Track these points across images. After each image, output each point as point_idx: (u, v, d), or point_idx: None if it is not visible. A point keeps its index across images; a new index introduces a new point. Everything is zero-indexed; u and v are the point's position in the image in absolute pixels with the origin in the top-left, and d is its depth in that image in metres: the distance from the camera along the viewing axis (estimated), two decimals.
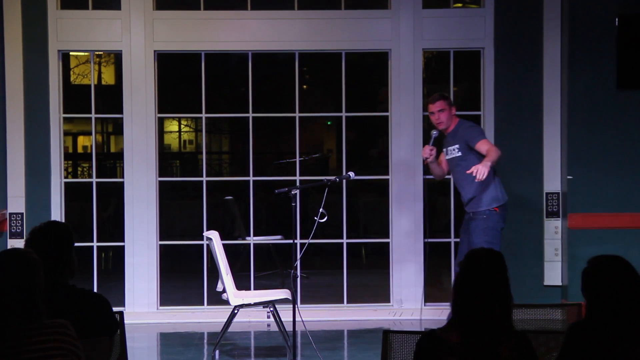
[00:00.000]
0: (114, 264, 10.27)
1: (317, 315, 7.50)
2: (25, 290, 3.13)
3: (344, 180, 6.99)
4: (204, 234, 7.51)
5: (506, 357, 3.15)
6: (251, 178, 8.59)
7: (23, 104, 8.11)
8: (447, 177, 8.30)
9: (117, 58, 13.36)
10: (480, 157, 6.63)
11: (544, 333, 3.92)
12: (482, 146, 6.67)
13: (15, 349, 3.07)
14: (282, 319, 6.81)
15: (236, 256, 9.00)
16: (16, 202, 8.10)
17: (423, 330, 3.33)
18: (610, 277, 3.26)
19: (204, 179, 8.59)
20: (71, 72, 15.87)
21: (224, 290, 6.75)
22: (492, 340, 3.16)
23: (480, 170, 6.35)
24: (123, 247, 8.32)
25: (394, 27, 8.30)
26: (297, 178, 8.50)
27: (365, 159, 13.65)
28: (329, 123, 16.35)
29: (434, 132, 6.90)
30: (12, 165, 8.11)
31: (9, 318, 3.09)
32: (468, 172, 6.47)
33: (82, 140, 17.71)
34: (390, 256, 8.34)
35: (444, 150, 6.97)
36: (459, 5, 8.97)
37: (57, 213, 8.18)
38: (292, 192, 6.54)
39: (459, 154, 6.84)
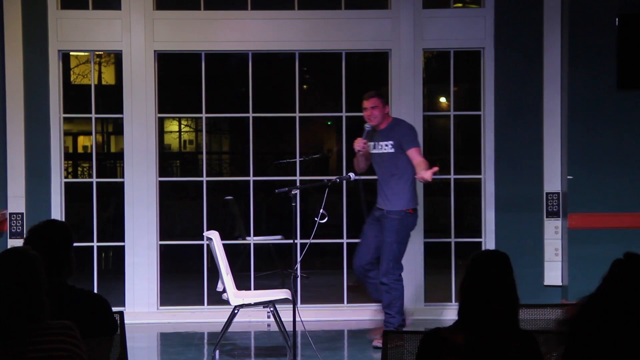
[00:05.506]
0: (114, 264, 10.28)
1: (317, 315, 7.51)
2: (30, 289, 3.13)
3: (344, 181, 7.01)
4: (204, 234, 7.51)
5: (512, 358, 3.14)
6: (251, 178, 8.59)
7: (23, 104, 8.11)
8: (444, 177, 8.31)
9: (117, 58, 13.37)
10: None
11: (544, 333, 3.92)
12: (415, 155, 6.91)
13: (20, 349, 3.08)
14: (282, 319, 6.81)
15: (236, 256, 8.99)
16: (16, 202, 8.10)
17: (423, 330, 3.32)
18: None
19: (204, 179, 8.59)
20: (71, 72, 15.87)
21: (224, 290, 6.75)
22: (499, 342, 3.15)
23: (427, 176, 6.63)
24: (123, 247, 8.32)
25: (394, 27, 8.30)
26: (297, 178, 8.50)
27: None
28: (329, 123, 16.34)
29: (367, 126, 7.04)
30: (12, 165, 8.11)
31: (14, 318, 3.09)
32: (418, 177, 6.71)
33: (82, 140, 17.71)
34: None
35: (371, 144, 7.10)
36: (459, 5, 8.97)
37: (57, 213, 8.17)
38: (292, 192, 6.54)
39: (392, 150, 7.00)
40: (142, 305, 8.22)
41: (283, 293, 6.89)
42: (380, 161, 7.06)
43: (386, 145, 7.01)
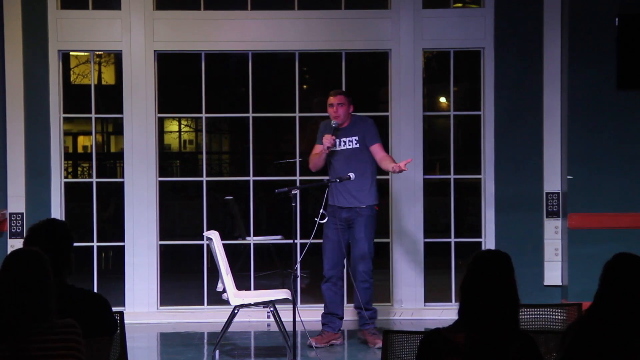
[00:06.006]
0: (114, 264, 10.27)
1: (317, 316, 7.50)
2: (40, 289, 3.16)
3: (344, 181, 6.99)
4: (204, 234, 7.51)
5: (512, 358, 3.14)
6: (251, 178, 8.59)
7: (23, 104, 8.11)
8: (444, 177, 8.31)
9: (117, 58, 13.35)
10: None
11: (544, 333, 3.92)
12: (379, 151, 7.08)
13: (25, 346, 3.10)
14: (282, 319, 6.81)
15: (236, 256, 8.99)
16: (16, 202, 8.10)
17: (423, 330, 3.32)
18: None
19: (204, 179, 8.59)
20: (71, 72, 15.85)
21: (224, 290, 6.75)
22: (498, 342, 3.14)
23: (403, 165, 6.83)
24: (123, 247, 8.32)
25: (394, 27, 8.30)
26: (297, 178, 8.50)
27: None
28: None
29: (334, 123, 7.06)
30: (12, 165, 8.11)
31: (21, 316, 3.12)
32: (393, 167, 6.86)
33: (82, 140, 17.69)
34: (390, 256, 8.34)
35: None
36: (459, 5, 8.97)
37: (57, 213, 8.18)
38: (292, 192, 6.54)
39: (357, 145, 7.09)
40: (142, 305, 8.22)
41: (283, 293, 6.89)
42: (343, 158, 7.07)
43: (350, 141, 7.07)
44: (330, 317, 7.16)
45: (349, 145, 7.08)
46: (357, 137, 7.07)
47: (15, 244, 7.88)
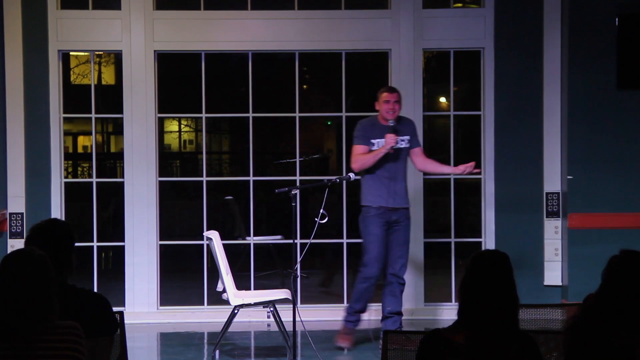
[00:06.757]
0: (114, 264, 10.27)
1: (317, 315, 7.52)
2: (40, 290, 3.16)
3: (344, 181, 6.99)
4: (204, 234, 7.51)
5: (512, 358, 3.14)
6: (251, 178, 8.59)
7: (23, 104, 8.11)
8: (449, 176, 8.30)
9: (117, 58, 13.37)
10: None
11: (544, 333, 3.92)
12: (422, 153, 7.05)
13: (27, 346, 3.11)
14: (282, 319, 6.81)
15: (236, 256, 9.00)
16: (16, 202, 8.10)
17: (423, 330, 3.32)
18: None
19: (204, 179, 8.59)
20: (71, 72, 15.86)
21: (224, 290, 6.75)
22: (498, 342, 3.14)
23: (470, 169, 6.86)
24: (123, 247, 8.32)
25: (394, 27, 8.30)
26: (297, 178, 8.50)
27: None
28: (329, 123, 16.35)
29: (392, 122, 6.93)
30: (12, 165, 8.12)
31: (23, 317, 3.12)
32: (472, 167, 6.82)
33: (82, 140, 17.71)
34: None
35: (382, 141, 7.00)
36: (459, 5, 8.97)
37: (57, 213, 8.18)
38: (292, 192, 6.54)
39: (407, 145, 7.03)
40: (142, 305, 8.22)
41: (283, 293, 6.89)
42: (395, 157, 6.96)
43: (402, 140, 6.97)
44: (359, 316, 7.12)
45: (401, 144, 6.96)
46: (408, 137, 7.00)
47: (15, 244, 7.88)
